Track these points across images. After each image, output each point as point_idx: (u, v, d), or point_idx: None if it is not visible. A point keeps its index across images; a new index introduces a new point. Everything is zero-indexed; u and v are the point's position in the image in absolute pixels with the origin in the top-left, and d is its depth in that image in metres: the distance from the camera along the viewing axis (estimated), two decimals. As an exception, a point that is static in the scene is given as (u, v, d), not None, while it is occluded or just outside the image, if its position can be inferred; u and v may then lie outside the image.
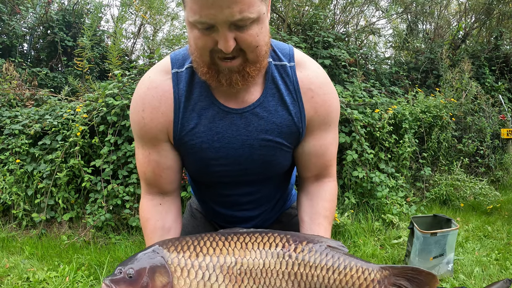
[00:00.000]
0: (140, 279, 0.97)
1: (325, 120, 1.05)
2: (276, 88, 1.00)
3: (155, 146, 1.03)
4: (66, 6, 7.24)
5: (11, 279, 2.54)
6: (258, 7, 0.83)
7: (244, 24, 0.82)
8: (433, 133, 4.55)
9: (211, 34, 0.84)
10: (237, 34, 0.84)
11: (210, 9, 0.79)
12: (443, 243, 2.55)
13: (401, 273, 1.07)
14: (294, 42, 4.53)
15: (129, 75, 3.83)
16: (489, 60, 6.80)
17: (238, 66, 0.89)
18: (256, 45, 0.87)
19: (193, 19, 0.82)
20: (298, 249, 1.07)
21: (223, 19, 0.80)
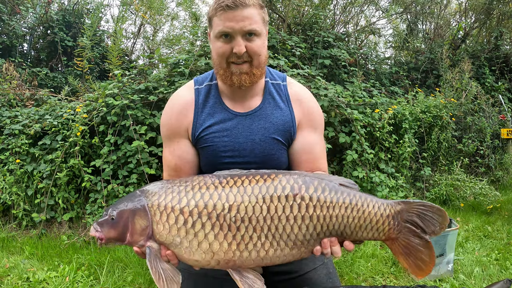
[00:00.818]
0: (121, 222, 0.97)
1: (311, 122, 1.35)
2: (272, 98, 1.34)
3: (178, 143, 1.32)
4: (66, 6, 7.24)
5: (11, 279, 2.54)
6: (261, 25, 1.24)
7: (251, 35, 1.21)
8: (433, 133, 4.55)
9: (229, 43, 1.21)
10: (247, 44, 1.21)
11: (230, 22, 1.18)
12: (443, 243, 2.55)
13: (413, 209, 1.05)
14: (294, 42, 4.53)
15: (129, 75, 3.83)
16: (489, 60, 6.80)
17: (246, 69, 1.24)
18: (259, 54, 1.24)
19: (218, 30, 1.20)
20: (310, 190, 1.00)
21: (239, 29, 1.19)
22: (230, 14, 1.17)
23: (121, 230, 0.99)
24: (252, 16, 1.20)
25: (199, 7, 11.55)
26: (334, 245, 1.04)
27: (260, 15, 1.23)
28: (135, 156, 3.27)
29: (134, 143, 3.20)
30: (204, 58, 3.75)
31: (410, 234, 1.06)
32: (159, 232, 0.97)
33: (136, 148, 3.23)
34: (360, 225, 1.02)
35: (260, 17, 1.23)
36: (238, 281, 0.98)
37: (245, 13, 1.18)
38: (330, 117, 3.61)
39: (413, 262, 1.09)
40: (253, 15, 1.20)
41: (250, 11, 1.20)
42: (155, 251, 0.99)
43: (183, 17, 10.10)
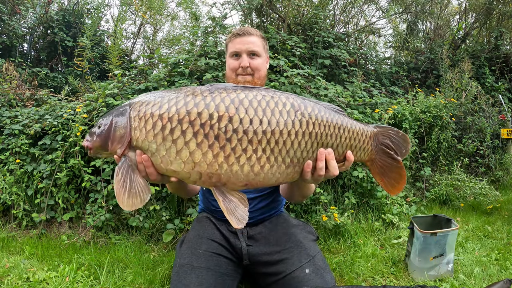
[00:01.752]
0: (105, 130, 0.96)
1: None
2: None
3: None
4: (66, 6, 7.24)
5: (11, 279, 2.54)
6: (261, 49, 1.77)
7: (254, 54, 1.73)
8: (433, 133, 4.55)
9: (238, 60, 1.72)
10: (250, 61, 1.71)
11: (239, 44, 1.72)
12: (443, 243, 2.55)
13: (386, 132, 1.20)
14: (294, 42, 4.53)
15: (129, 75, 3.83)
16: (489, 60, 6.79)
17: (249, 79, 1.70)
18: (259, 70, 1.74)
19: (230, 51, 1.74)
20: (309, 108, 1.01)
21: (244, 49, 1.72)
22: (239, 39, 1.70)
23: (104, 138, 0.96)
24: (255, 41, 1.71)
25: (199, 7, 11.54)
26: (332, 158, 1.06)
27: (261, 42, 1.74)
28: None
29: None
30: (204, 58, 3.75)
31: (385, 155, 1.18)
32: (136, 138, 0.91)
33: (136, 148, 3.23)
34: (351, 144, 1.09)
35: (261, 43, 1.74)
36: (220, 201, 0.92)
37: (250, 39, 1.70)
38: (330, 117, 3.61)
39: (388, 181, 1.20)
40: (256, 41, 1.72)
41: (254, 38, 1.72)
42: (131, 161, 0.93)
43: (183, 17, 10.10)
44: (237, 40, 1.70)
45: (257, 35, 1.74)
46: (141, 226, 3.16)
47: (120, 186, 0.90)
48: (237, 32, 1.71)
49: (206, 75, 3.42)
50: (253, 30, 1.74)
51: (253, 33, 1.72)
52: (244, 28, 1.73)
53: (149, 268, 2.62)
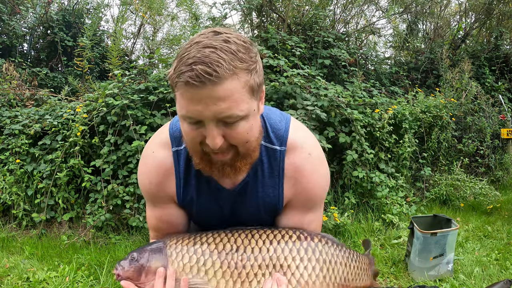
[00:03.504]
0: (139, 262, 1.05)
1: (304, 204, 1.10)
2: (261, 170, 1.06)
3: (164, 209, 1.14)
4: (66, 6, 7.24)
5: (11, 279, 2.54)
6: (247, 104, 0.86)
7: (232, 121, 0.86)
8: (433, 133, 4.55)
9: (199, 129, 0.88)
10: (226, 131, 0.87)
11: (197, 105, 0.83)
12: (443, 243, 2.55)
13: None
14: (294, 42, 4.53)
15: (129, 75, 3.83)
16: (489, 60, 6.79)
17: (229, 160, 0.94)
18: (246, 141, 0.92)
19: (181, 113, 0.87)
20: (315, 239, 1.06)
21: (210, 116, 0.84)
22: (196, 94, 0.80)
23: (137, 269, 1.04)
24: (230, 94, 0.81)
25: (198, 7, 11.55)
26: None
27: (246, 85, 0.84)
28: (135, 156, 3.27)
29: (134, 143, 3.20)
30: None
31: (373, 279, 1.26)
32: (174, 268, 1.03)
33: (136, 148, 3.23)
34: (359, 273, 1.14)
35: (246, 89, 0.84)
36: None
37: (218, 92, 0.80)
38: (330, 117, 3.61)
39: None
40: (233, 91, 0.82)
41: (227, 86, 0.81)
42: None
43: (182, 18, 10.10)
44: (191, 95, 0.82)
45: (236, 73, 0.82)
46: (141, 226, 3.16)
47: None
48: (188, 79, 0.80)
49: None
50: (227, 62, 0.81)
51: (226, 73, 0.80)
52: (206, 65, 0.79)
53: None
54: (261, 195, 1.08)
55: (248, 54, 0.86)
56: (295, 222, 1.11)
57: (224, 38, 0.84)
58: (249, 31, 5.82)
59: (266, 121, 1.06)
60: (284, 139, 1.05)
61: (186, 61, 0.81)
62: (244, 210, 1.13)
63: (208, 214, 1.15)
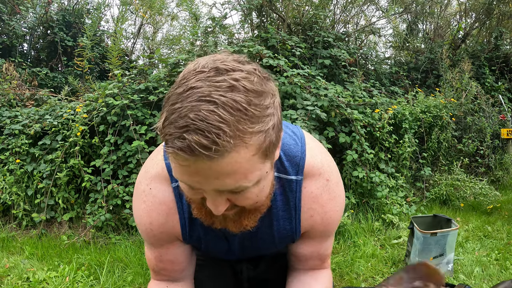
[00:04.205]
0: None
1: (322, 233, 1.01)
2: (275, 204, 0.92)
3: (167, 249, 1.00)
4: (66, 6, 7.24)
5: (11, 279, 2.54)
6: (259, 171, 0.67)
7: (239, 191, 0.68)
8: (433, 133, 4.55)
9: (199, 190, 0.70)
10: (231, 196, 0.70)
11: (193, 177, 0.63)
12: (443, 243, 2.55)
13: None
14: (294, 42, 4.53)
15: (129, 75, 3.83)
16: (489, 60, 6.79)
17: (234, 216, 0.79)
18: (256, 201, 0.75)
19: (176, 177, 0.67)
20: None
21: (211, 188, 0.66)
22: (191, 167, 0.61)
23: None
24: (236, 168, 0.62)
25: (198, 7, 11.54)
26: None
27: (257, 152, 0.63)
28: (135, 156, 3.27)
29: (134, 143, 3.20)
30: (204, 58, 3.74)
31: None
32: None
33: (136, 148, 3.23)
34: None
35: (257, 156, 0.64)
36: None
37: (221, 167, 0.61)
38: (330, 117, 3.61)
39: None
40: (240, 164, 0.62)
41: (232, 159, 0.60)
42: None
43: (183, 17, 10.09)
44: (186, 167, 0.62)
45: (242, 141, 0.60)
46: None
47: None
48: (179, 150, 0.58)
49: (206, 75, 3.41)
50: (228, 133, 0.58)
51: (228, 146, 0.58)
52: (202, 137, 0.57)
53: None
54: (276, 228, 0.96)
55: (263, 104, 0.62)
56: (313, 251, 1.03)
57: (229, 84, 0.60)
58: (249, 31, 5.83)
59: (282, 146, 0.88)
60: (300, 167, 0.89)
61: (177, 120, 0.58)
62: (255, 243, 1.02)
63: (217, 249, 1.04)
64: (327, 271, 1.11)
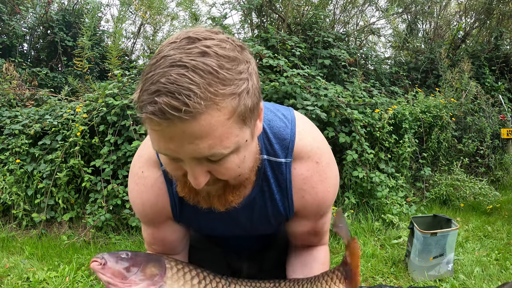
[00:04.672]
0: (132, 261, 0.91)
1: (316, 212, 1.03)
2: (267, 185, 0.95)
3: (159, 227, 1.04)
4: (66, 6, 7.24)
5: (11, 279, 2.54)
6: (236, 137, 0.66)
7: (217, 159, 0.68)
8: (433, 133, 4.55)
9: (179, 163, 0.70)
10: (211, 167, 0.70)
11: (168, 143, 0.64)
12: (443, 243, 2.55)
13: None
14: (294, 42, 4.53)
15: (129, 75, 3.83)
16: (489, 60, 6.80)
17: (217, 191, 0.79)
18: (238, 175, 0.75)
19: (154, 148, 0.68)
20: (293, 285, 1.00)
21: (187, 155, 0.65)
22: (165, 132, 0.62)
23: (128, 268, 0.90)
24: (209, 131, 0.62)
25: (198, 7, 11.55)
26: None
27: (232, 116, 0.64)
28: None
29: (134, 143, 3.20)
30: (204, 58, 3.74)
31: None
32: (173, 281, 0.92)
33: (136, 148, 3.23)
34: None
35: (232, 120, 0.64)
36: None
37: (193, 129, 0.61)
38: (330, 117, 3.61)
39: None
40: (214, 126, 0.62)
41: (205, 121, 0.61)
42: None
43: (183, 17, 10.09)
44: (161, 133, 0.64)
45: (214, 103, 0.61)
46: (141, 226, 3.15)
47: None
48: (151, 114, 0.60)
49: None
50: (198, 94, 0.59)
51: (199, 108, 0.59)
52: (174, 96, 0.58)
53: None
54: (270, 209, 1.00)
55: (236, 68, 0.63)
56: (309, 229, 1.07)
57: (200, 50, 0.61)
58: (249, 31, 5.83)
59: (268, 130, 0.92)
60: (290, 149, 0.92)
61: (149, 87, 0.60)
62: (250, 223, 1.05)
63: (210, 230, 1.08)
64: (324, 248, 1.15)
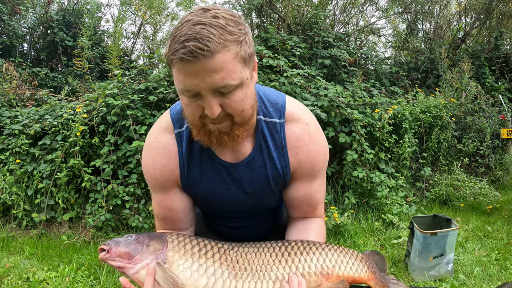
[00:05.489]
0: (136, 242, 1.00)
1: (309, 172, 1.16)
2: (265, 144, 1.12)
3: (167, 194, 1.17)
4: (66, 6, 7.24)
5: (11, 279, 2.54)
6: (240, 73, 0.92)
7: (227, 91, 0.92)
8: (433, 133, 4.55)
9: (198, 101, 0.94)
10: (222, 100, 0.93)
11: (193, 79, 0.89)
12: (443, 243, 2.55)
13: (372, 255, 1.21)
14: (294, 42, 4.53)
15: (129, 75, 3.83)
16: (489, 60, 6.79)
17: (226, 128, 0.99)
18: (242, 109, 0.97)
19: (179, 88, 0.93)
20: (293, 243, 1.11)
21: (206, 87, 0.89)
22: (191, 69, 0.87)
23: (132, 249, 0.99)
24: (223, 66, 0.87)
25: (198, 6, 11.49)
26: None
27: (237, 56, 0.90)
28: (135, 156, 3.27)
29: (134, 143, 3.20)
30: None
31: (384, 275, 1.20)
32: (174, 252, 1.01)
33: (136, 148, 3.23)
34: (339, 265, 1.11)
35: (237, 59, 0.90)
36: None
37: (211, 65, 0.86)
38: (330, 117, 3.61)
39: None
40: (225, 63, 0.88)
41: (219, 59, 0.87)
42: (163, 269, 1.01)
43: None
44: (187, 70, 0.88)
45: (226, 46, 0.87)
46: (141, 226, 3.16)
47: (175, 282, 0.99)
48: (182, 56, 0.85)
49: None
50: (216, 37, 0.86)
51: (217, 46, 0.86)
52: (198, 41, 0.85)
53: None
54: (269, 167, 1.13)
55: (237, 27, 0.91)
56: (304, 192, 1.18)
57: (212, 14, 0.89)
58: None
59: (263, 97, 1.13)
60: (282, 112, 1.12)
61: (179, 39, 0.86)
62: (251, 186, 1.16)
63: (214, 195, 1.17)
64: (320, 220, 1.25)
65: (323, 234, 1.24)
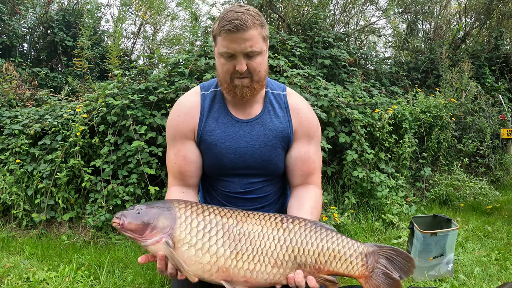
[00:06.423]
0: (146, 216, 1.10)
1: (307, 132, 1.49)
2: (271, 106, 1.50)
3: (184, 144, 1.45)
4: (66, 6, 7.24)
5: (11, 279, 2.54)
6: (261, 45, 1.37)
7: (252, 55, 1.34)
8: (433, 133, 4.55)
9: (232, 61, 1.35)
10: (248, 62, 1.35)
11: (233, 44, 1.32)
12: (443, 243, 2.55)
13: (383, 251, 1.19)
14: (294, 42, 4.52)
15: (129, 75, 3.83)
16: (489, 60, 6.79)
17: (247, 83, 1.38)
18: (259, 70, 1.38)
19: (222, 51, 1.34)
20: (295, 222, 1.19)
21: (240, 50, 1.32)
22: (233, 36, 1.30)
23: (143, 224, 1.10)
24: (252, 37, 1.32)
25: (199, 6, 11.54)
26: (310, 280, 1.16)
27: (260, 34, 1.35)
28: (135, 156, 3.27)
29: (134, 143, 3.20)
30: (204, 58, 3.75)
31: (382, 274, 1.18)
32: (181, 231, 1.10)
33: (136, 148, 3.23)
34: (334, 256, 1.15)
35: (260, 36, 1.36)
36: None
37: (246, 36, 1.31)
38: (330, 117, 3.61)
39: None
40: (254, 36, 1.33)
41: (251, 33, 1.32)
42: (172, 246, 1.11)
43: (183, 17, 10.09)
44: (230, 38, 1.30)
45: (255, 25, 1.33)
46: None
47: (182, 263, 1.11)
48: (229, 28, 1.29)
49: (206, 75, 3.42)
50: (250, 20, 1.31)
51: (250, 25, 1.31)
52: (239, 20, 1.30)
53: (149, 268, 2.62)
54: (275, 122, 1.46)
55: (260, 17, 1.37)
56: (304, 152, 1.47)
57: (246, 8, 1.36)
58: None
59: (270, 80, 1.56)
60: (283, 88, 1.55)
61: (227, 18, 1.31)
62: (260, 140, 1.44)
63: (225, 145, 1.43)
64: (316, 188, 1.49)
65: (319, 202, 1.46)
